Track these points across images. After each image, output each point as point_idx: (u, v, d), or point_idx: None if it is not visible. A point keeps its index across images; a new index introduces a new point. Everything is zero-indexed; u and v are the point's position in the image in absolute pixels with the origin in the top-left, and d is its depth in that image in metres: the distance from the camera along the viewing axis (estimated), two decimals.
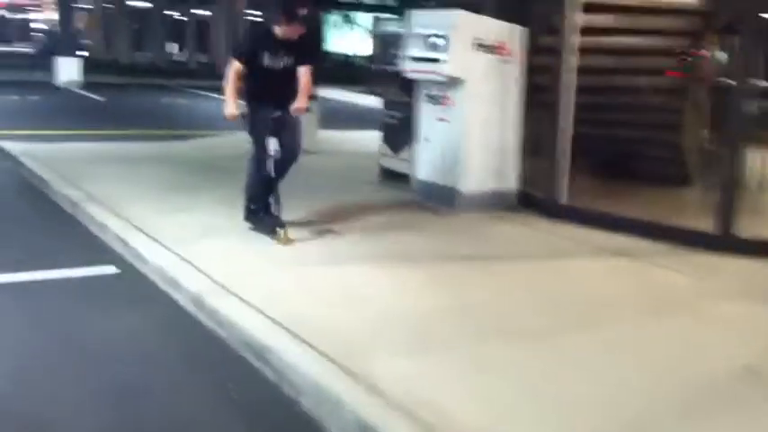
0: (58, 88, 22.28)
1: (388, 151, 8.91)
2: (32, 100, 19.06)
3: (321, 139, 11.26)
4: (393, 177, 8.84)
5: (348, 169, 9.89)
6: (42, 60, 28.13)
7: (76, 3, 25.25)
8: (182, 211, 7.08)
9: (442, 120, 7.56)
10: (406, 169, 8.61)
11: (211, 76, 30.51)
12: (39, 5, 51.89)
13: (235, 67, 6.11)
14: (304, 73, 6.18)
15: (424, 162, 7.84)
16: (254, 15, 38.66)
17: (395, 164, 8.81)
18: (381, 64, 8.89)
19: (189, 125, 15.20)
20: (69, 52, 23.24)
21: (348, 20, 43.48)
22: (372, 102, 22.61)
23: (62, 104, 18.86)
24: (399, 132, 8.69)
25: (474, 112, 7.39)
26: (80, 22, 26.87)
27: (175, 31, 40.85)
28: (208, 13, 40.94)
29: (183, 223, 6.64)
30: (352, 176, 9.35)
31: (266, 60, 6.12)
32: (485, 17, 7.35)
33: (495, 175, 7.60)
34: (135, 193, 7.78)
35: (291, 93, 6.15)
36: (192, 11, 38.65)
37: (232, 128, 7.29)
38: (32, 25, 61.32)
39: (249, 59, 6.12)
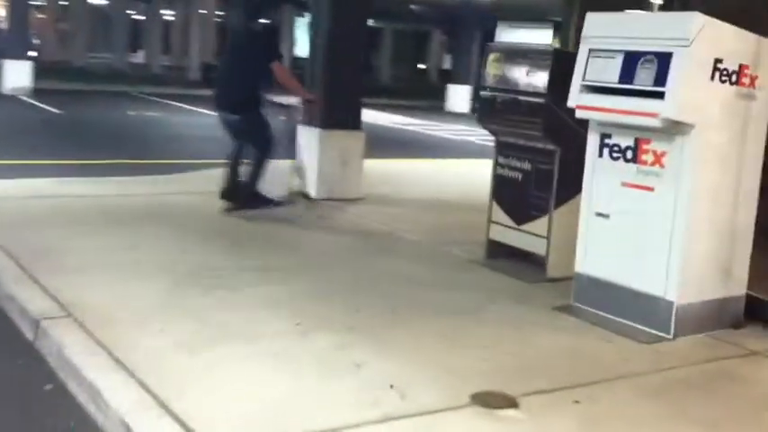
0: (3, 96, 18.93)
1: (505, 219, 6.04)
2: None
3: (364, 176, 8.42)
4: (509, 255, 6.01)
5: (426, 234, 6.97)
6: None
7: None
8: (231, 339, 4.10)
9: (637, 186, 4.72)
10: (536, 248, 5.78)
11: (179, 83, 27.33)
12: None
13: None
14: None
15: (597, 249, 4.98)
16: (221, 16, 35.47)
17: (518, 239, 5.94)
18: (499, 89, 5.98)
19: (170, 150, 12.16)
20: (19, 54, 19.76)
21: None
22: (397, 120, 19.62)
23: (11, 118, 15.44)
24: (528, 193, 5.85)
25: (701, 176, 4.55)
26: (30, 20, 23.48)
27: (136, 32, 37.40)
28: (172, 12, 37.66)
29: (244, 380, 3.65)
30: (439, 248, 6.47)
31: None
32: (726, 24, 4.51)
33: (722, 274, 4.77)
34: (136, 293, 4.76)
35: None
36: (157, 11, 35.33)
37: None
38: None
39: None
